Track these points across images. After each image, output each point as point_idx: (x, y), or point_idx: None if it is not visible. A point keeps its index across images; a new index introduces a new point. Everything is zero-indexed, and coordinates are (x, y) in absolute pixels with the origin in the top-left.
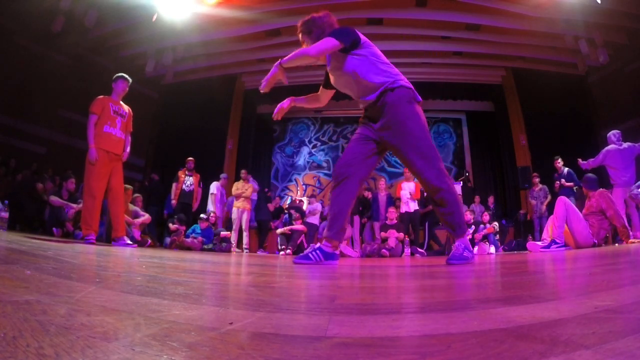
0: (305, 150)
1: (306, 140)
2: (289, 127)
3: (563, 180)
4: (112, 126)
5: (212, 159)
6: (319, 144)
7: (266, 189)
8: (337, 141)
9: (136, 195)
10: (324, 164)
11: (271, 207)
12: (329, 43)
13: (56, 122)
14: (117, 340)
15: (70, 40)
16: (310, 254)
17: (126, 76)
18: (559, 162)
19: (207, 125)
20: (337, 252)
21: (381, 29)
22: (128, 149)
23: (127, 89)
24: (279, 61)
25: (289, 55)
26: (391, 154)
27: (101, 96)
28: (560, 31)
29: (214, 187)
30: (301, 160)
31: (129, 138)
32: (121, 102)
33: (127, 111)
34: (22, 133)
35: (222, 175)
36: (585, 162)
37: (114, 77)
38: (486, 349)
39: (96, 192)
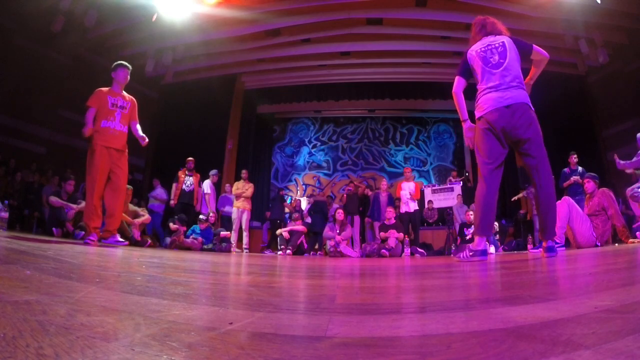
0: (305, 150)
1: (306, 140)
2: (289, 127)
3: (578, 178)
4: (111, 120)
5: (212, 159)
6: (318, 144)
7: (281, 190)
8: (337, 141)
9: None
10: (324, 164)
11: (286, 207)
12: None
13: (56, 122)
14: (117, 340)
15: (70, 40)
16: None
17: (125, 63)
18: (575, 158)
19: (207, 125)
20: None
21: (381, 29)
22: (141, 134)
23: (129, 77)
24: (465, 124)
25: (461, 112)
26: (390, 154)
27: (100, 88)
28: (560, 31)
29: (207, 186)
30: (301, 160)
31: (137, 127)
32: (123, 93)
33: (128, 101)
34: (22, 133)
35: (212, 172)
36: (623, 162)
37: (113, 65)
38: (486, 349)
39: (95, 188)
